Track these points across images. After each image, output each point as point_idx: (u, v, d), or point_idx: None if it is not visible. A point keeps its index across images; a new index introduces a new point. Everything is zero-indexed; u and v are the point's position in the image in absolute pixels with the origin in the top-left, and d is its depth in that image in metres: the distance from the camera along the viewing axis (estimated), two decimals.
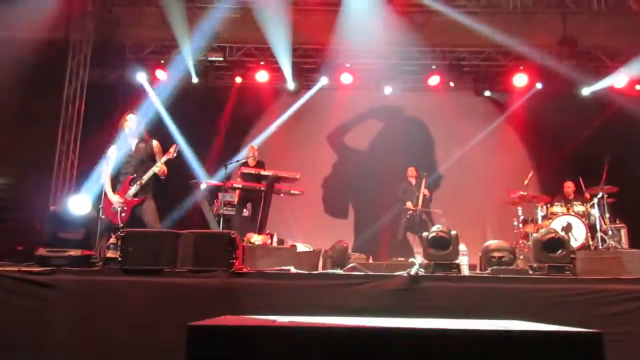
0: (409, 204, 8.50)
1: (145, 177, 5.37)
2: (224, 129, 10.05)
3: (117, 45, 9.81)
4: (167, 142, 5.83)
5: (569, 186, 8.46)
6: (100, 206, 5.12)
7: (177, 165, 5.66)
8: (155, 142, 5.59)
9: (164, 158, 5.42)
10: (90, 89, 9.51)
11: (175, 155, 5.46)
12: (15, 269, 3.65)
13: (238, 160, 8.24)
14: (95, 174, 5.37)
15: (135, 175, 5.37)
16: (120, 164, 5.46)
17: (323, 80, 10.17)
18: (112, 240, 4.09)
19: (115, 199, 5.30)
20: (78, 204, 4.23)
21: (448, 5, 9.25)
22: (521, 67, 9.75)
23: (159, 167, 5.36)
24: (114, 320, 3.46)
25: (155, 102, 9.83)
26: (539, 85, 9.92)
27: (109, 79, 10.19)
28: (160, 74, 9.87)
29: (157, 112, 9.70)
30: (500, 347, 1.99)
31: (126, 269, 3.70)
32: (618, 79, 9.47)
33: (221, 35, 9.53)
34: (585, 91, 9.74)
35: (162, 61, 9.83)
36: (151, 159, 5.48)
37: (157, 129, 6.04)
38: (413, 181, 8.85)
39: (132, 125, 5.52)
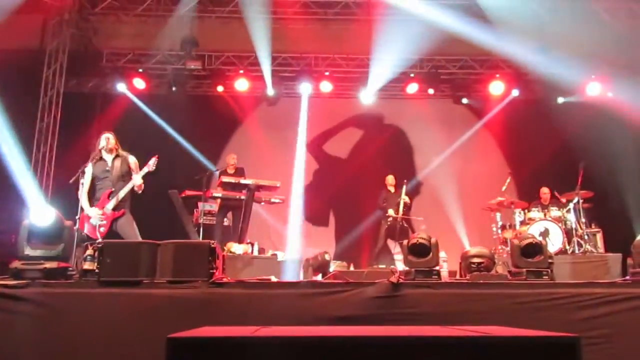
0: (390, 212, 8.54)
1: (124, 191, 5.34)
2: (203, 138, 9.98)
3: (94, 54, 9.71)
4: (145, 151, 5.79)
5: (545, 192, 8.60)
6: (77, 217, 5.04)
7: (156, 173, 5.61)
8: (132, 158, 5.59)
9: (144, 170, 5.41)
10: (67, 98, 9.39)
11: (154, 168, 5.45)
12: None
13: (217, 169, 8.21)
14: (72, 185, 5.28)
15: (113, 189, 5.34)
16: (97, 180, 5.45)
17: (306, 89, 10.17)
18: (89, 251, 4.02)
19: (93, 212, 5.24)
20: (42, 216, 4.15)
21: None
22: (497, 75, 9.91)
23: (137, 181, 5.33)
24: (92, 333, 3.38)
25: (134, 111, 9.74)
26: (515, 93, 10.09)
27: (85, 87, 10.07)
28: (138, 82, 9.79)
29: (136, 121, 9.61)
30: (480, 352, 2.00)
31: (104, 280, 3.64)
32: (591, 87, 9.68)
33: (200, 43, 9.49)
34: (560, 100, 9.95)
35: (140, 70, 9.76)
36: (128, 174, 5.48)
37: (136, 138, 5.97)
38: (392, 189, 8.91)
39: (109, 145, 5.51)
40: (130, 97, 9.96)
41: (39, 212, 4.26)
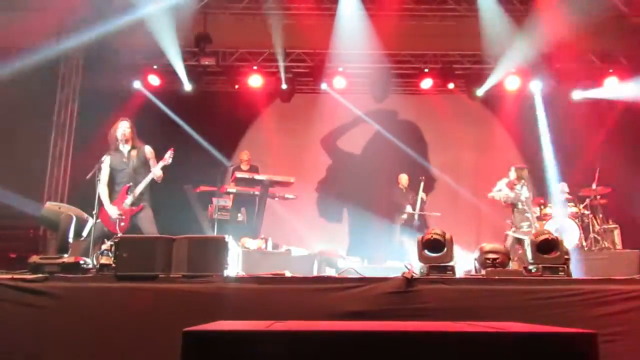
0: (408, 208, 8.54)
1: (142, 186, 5.37)
2: (217, 134, 10.03)
3: (110, 51, 9.77)
4: (160, 146, 5.84)
5: (562, 187, 8.53)
6: (94, 212, 5.10)
7: (171, 169, 5.65)
8: (148, 148, 5.59)
9: (160, 164, 5.44)
10: (83, 94, 9.48)
11: (170, 160, 5.47)
12: (8, 276, 3.63)
13: (232, 165, 8.25)
14: (89, 180, 5.33)
15: (131, 184, 5.37)
16: (115, 172, 5.45)
17: (322, 86, 10.16)
18: (106, 246, 4.07)
19: (113, 211, 5.28)
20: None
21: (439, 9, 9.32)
22: (513, 70, 9.80)
23: (157, 173, 5.38)
24: (108, 326, 3.43)
25: (149, 107, 9.82)
26: (531, 88, 9.98)
27: (101, 84, 10.15)
28: (153, 79, 9.85)
29: (151, 118, 9.67)
30: (495, 348, 1.99)
31: (120, 275, 3.68)
32: (609, 83, 9.54)
33: (214, 39, 9.51)
34: (577, 95, 9.82)
35: (155, 67, 9.81)
36: (145, 165, 5.49)
37: (151, 134, 6.01)
38: (404, 189, 8.90)
39: (125, 132, 5.49)
40: (145, 94, 10.04)
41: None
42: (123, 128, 5.49)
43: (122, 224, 5.26)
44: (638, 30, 8.96)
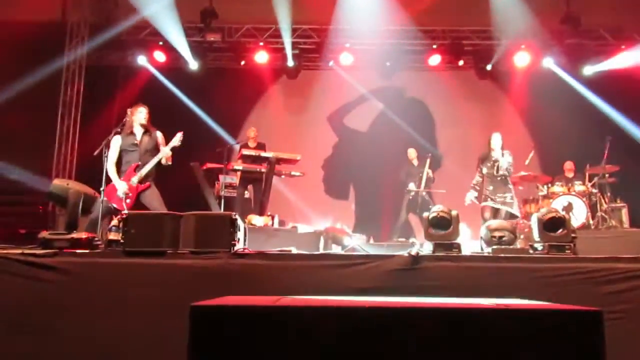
0: (411, 186, 8.51)
1: (151, 164, 5.45)
2: (223, 111, 10.00)
3: (116, 27, 9.71)
4: (167, 123, 5.87)
5: (570, 166, 8.47)
6: (102, 189, 5.13)
7: (179, 146, 5.69)
8: (159, 134, 5.72)
9: (170, 144, 5.52)
10: (89, 71, 9.47)
11: (180, 143, 5.55)
12: (19, 251, 3.67)
13: (238, 142, 8.24)
14: (96, 157, 5.37)
15: (140, 162, 5.44)
16: (124, 152, 5.54)
17: (329, 63, 10.06)
18: (114, 222, 4.10)
19: (121, 186, 5.34)
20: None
21: None
22: (522, 46, 9.66)
23: (166, 154, 5.44)
24: (117, 302, 3.48)
25: (155, 83, 9.80)
26: (540, 64, 9.85)
27: (107, 60, 10.12)
28: (158, 55, 9.80)
29: (157, 94, 9.66)
30: (500, 325, 2.00)
31: (128, 251, 3.72)
32: (621, 58, 9.40)
33: (219, 15, 9.42)
34: (588, 70, 9.69)
35: (161, 42, 9.75)
36: (155, 149, 5.61)
37: (157, 111, 6.00)
38: (415, 162, 8.85)
39: (144, 117, 5.61)
40: (151, 70, 10.01)
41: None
42: (143, 114, 5.62)
43: (128, 200, 5.32)
44: None
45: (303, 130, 10.17)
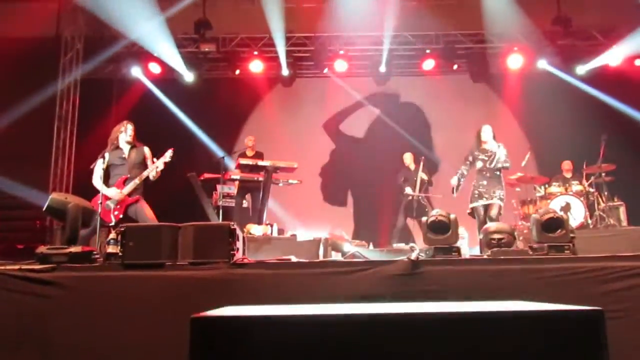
0: (408, 190, 8.50)
1: (141, 177, 5.48)
2: (219, 121, 10.01)
3: (110, 39, 9.73)
4: (162, 135, 5.87)
5: (567, 166, 8.49)
6: (99, 202, 5.12)
7: (175, 157, 5.69)
8: (146, 149, 5.77)
9: (161, 160, 5.52)
10: (84, 84, 9.47)
11: (170, 159, 5.57)
12: (16, 267, 3.65)
13: (236, 152, 8.25)
14: (92, 170, 5.38)
15: (129, 175, 5.47)
16: (112, 167, 5.61)
17: (324, 70, 10.10)
18: (112, 235, 4.08)
19: (112, 192, 5.35)
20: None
21: None
22: (515, 49, 9.71)
23: (155, 171, 5.46)
24: (117, 315, 3.46)
25: (151, 95, 9.81)
26: (534, 66, 9.89)
27: (102, 73, 10.13)
28: (153, 67, 9.81)
29: (153, 105, 9.69)
30: (502, 328, 2.00)
31: (127, 263, 3.70)
32: (613, 57, 9.46)
33: (213, 25, 9.44)
34: (581, 70, 9.74)
35: (155, 54, 9.76)
36: (142, 164, 5.66)
37: (153, 123, 6.02)
38: (412, 166, 8.86)
39: (129, 135, 5.65)
40: (146, 82, 10.02)
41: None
42: (128, 131, 5.67)
43: (116, 212, 5.33)
44: None
45: (299, 138, 10.18)
